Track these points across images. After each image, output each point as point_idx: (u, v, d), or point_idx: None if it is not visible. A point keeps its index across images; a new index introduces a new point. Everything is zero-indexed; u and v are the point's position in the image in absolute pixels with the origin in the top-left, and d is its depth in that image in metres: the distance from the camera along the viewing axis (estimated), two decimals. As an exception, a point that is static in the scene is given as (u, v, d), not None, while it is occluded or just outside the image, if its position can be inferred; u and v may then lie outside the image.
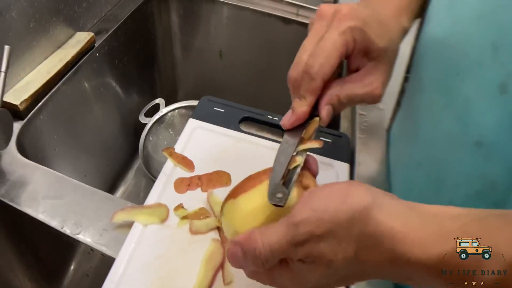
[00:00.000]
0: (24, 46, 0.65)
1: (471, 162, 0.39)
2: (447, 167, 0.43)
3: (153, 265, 0.46)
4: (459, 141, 0.40)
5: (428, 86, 0.46)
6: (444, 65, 0.42)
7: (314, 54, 0.38)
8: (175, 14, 0.96)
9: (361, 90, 0.40)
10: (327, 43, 0.38)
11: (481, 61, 0.37)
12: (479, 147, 0.38)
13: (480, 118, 0.38)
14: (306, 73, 0.38)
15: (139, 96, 0.96)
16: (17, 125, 0.63)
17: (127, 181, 0.96)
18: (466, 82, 0.39)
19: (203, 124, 0.64)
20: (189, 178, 0.55)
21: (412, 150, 0.51)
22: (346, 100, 0.40)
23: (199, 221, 0.50)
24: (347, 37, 0.38)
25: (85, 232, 0.50)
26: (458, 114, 0.40)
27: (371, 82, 0.40)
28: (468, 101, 0.39)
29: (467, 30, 0.39)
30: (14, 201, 0.53)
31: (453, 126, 0.41)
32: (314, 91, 0.39)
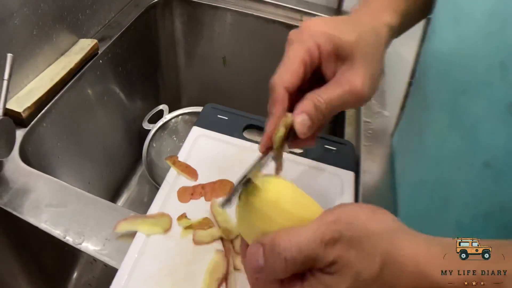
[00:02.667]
0: (27, 53, 0.65)
1: (480, 183, 0.38)
2: (453, 187, 0.42)
3: (156, 277, 0.46)
4: (467, 161, 0.39)
5: (432, 104, 0.45)
6: (450, 82, 0.41)
7: (278, 69, 0.38)
8: (178, 20, 0.96)
9: (338, 89, 0.37)
10: (289, 54, 0.37)
11: (490, 80, 0.36)
12: (488, 168, 0.37)
13: (489, 139, 0.37)
14: (270, 88, 0.37)
15: (142, 103, 0.95)
16: (20, 133, 0.63)
17: (131, 188, 0.95)
18: (474, 101, 0.38)
19: (207, 132, 0.63)
20: (193, 187, 0.55)
21: (416, 167, 0.50)
22: (324, 106, 0.36)
23: (203, 231, 0.50)
24: (308, 44, 0.37)
25: (87, 241, 0.50)
26: (465, 133, 0.39)
27: (348, 80, 0.37)
28: (476, 121, 0.38)
29: (474, 47, 0.37)
30: (16, 210, 0.53)
31: (460, 146, 0.40)
32: (276, 101, 0.37)
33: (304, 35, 0.38)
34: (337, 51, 0.37)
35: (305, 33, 0.38)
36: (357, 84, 0.36)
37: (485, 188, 0.38)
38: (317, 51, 0.37)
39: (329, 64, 0.38)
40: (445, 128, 0.42)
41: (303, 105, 0.36)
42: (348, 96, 0.37)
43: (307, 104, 0.36)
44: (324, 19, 0.39)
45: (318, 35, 0.37)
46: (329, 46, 0.37)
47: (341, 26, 0.38)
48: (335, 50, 0.37)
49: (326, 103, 0.36)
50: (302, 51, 0.37)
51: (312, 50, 0.37)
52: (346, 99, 0.37)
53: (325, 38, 0.37)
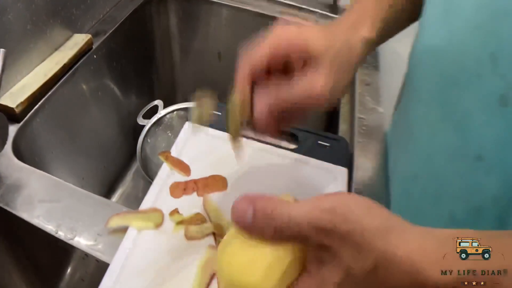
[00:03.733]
0: (21, 48, 0.65)
1: (471, 176, 0.38)
2: (445, 180, 0.42)
3: (148, 272, 0.46)
4: (458, 154, 0.39)
5: (424, 97, 0.45)
6: (441, 76, 0.41)
7: None
8: (173, 15, 0.96)
9: (300, 91, 0.38)
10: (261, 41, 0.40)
11: (480, 73, 0.36)
12: (479, 161, 0.37)
13: (480, 131, 0.37)
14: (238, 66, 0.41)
15: (137, 98, 0.95)
16: (13, 128, 0.62)
17: (125, 184, 0.95)
18: (465, 94, 0.38)
19: (200, 127, 0.63)
20: (185, 182, 0.55)
21: (408, 161, 0.50)
22: (284, 104, 0.38)
23: (195, 226, 0.50)
24: (278, 32, 0.39)
25: (79, 236, 0.50)
26: (456, 126, 0.39)
27: (311, 82, 0.38)
28: (467, 114, 0.38)
29: (464, 40, 0.38)
30: (9, 205, 0.53)
31: (452, 139, 0.40)
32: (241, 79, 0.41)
33: (277, 30, 0.39)
34: (307, 49, 0.38)
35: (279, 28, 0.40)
36: (317, 84, 0.38)
37: (477, 181, 0.38)
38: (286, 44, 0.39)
39: (297, 60, 0.39)
40: (436, 121, 0.42)
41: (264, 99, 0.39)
42: (307, 98, 0.38)
43: (268, 99, 0.39)
44: (299, 25, 0.40)
45: (292, 33, 0.39)
46: (300, 42, 0.38)
47: (315, 33, 0.39)
48: (305, 47, 0.38)
49: (285, 101, 0.38)
50: (273, 40, 0.39)
51: (281, 39, 0.39)
52: (305, 100, 0.38)
53: (297, 36, 0.39)
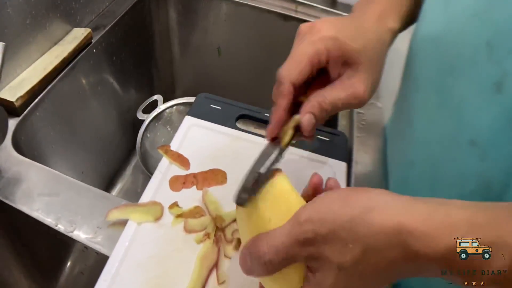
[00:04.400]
0: (20, 42, 0.65)
1: (466, 162, 0.39)
2: (441, 166, 0.43)
3: (147, 264, 0.46)
4: (454, 140, 0.40)
5: (422, 85, 0.46)
6: (438, 63, 0.42)
7: (285, 62, 0.40)
8: (173, 10, 0.95)
9: (343, 93, 0.40)
10: (298, 51, 0.40)
11: (476, 60, 0.37)
12: (474, 146, 0.38)
13: (475, 117, 0.37)
14: (277, 80, 0.40)
15: (137, 93, 0.95)
16: (13, 122, 0.62)
17: (125, 178, 0.95)
18: (461, 81, 0.39)
19: (200, 121, 0.63)
20: (185, 176, 0.55)
21: (405, 148, 0.51)
22: (328, 106, 0.40)
23: (194, 219, 0.50)
24: (318, 46, 0.40)
25: (79, 229, 0.50)
26: (452, 113, 0.40)
27: (352, 84, 0.40)
28: (462, 100, 0.39)
29: (462, 28, 0.38)
30: (9, 198, 0.53)
31: (448, 125, 0.41)
32: (282, 94, 0.40)
33: (315, 36, 0.40)
34: (345, 57, 0.40)
35: (316, 35, 0.40)
36: (360, 89, 0.40)
37: (471, 166, 0.39)
38: (326, 54, 0.40)
39: (336, 67, 0.41)
40: (433, 108, 0.43)
41: (310, 105, 0.40)
42: (351, 99, 0.40)
43: (314, 105, 0.40)
44: (335, 23, 0.42)
45: (329, 40, 0.40)
46: (337, 52, 0.40)
47: (350, 31, 0.41)
48: (343, 55, 0.40)
49: (331, 104, 0.40)
50: (311, 52, 0.40)
51: (321, 53, 0.40)
52: (349, 102, 0.40)
53: (334, 43, 0.40)
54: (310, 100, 0.40)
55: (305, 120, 0.39)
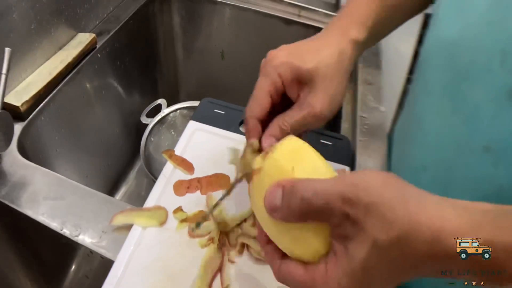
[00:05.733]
0: (25, 47, 0.66)
1: (479, 167, 0.39)
2: (454, 171, 0.43)
3: (152, 269, 0.46)
4: (467, 145, 0.40)
5: (435, 90, 0.46)
6: (452, 69, 0.42)
7: (249, 102, 0.43)
8: (177, 15, 0.96)
9: (300, 114, 0.41)
10: (256, 87, 0.43)
11: (490, 67, 0.37)
12: (487, 152, 0.38)
13: (489, 124, 0.38)
14: (245, 120, 0.43)
15: (140, 97, 0.96)
16: (18, 127, 0.63)
17: (129, 182, 0.96)
18: (475, 88, 0.39)
19: (203, 126, 0.63)
20: (189, 180, 0.55)
21: (416, 153, 0.51)
22: (289, 128, 0.41)
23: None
24: (271, 76, 0.42)
25: (84, 234, 0.50)
26: (466, 118, 0.40)
27: (309, 103, 0.41)
28: (477, 106, 0.39)
29: (476, 35, 0.39)
30: (14, 203, 0.54)
31: (461, 131, 0.41)
32: (251, 131, 0.42)
33: (268, 68, 0.43)
34: (298, 77, 0.42)
35: (269, 65, 0.43)
36: (317, 107, 0.41)
37: (484, 171, 0.39)
38: (280, 80, 0.42)
39: (292, 89, 0.43)
40: (447, 113, 0.43)
41: (271, 129, 0.42)
42: (309, 118, 0.42)
43: (274, 129, 0.42)
44: (289, 47, 0.44)
45: (280, 66, 0.42)
46: (289, 75, 0.42)
47: (301, 53, 0.43)
48: (296, 77, 0.42)
49: (290, 125, 0.41)
50: (267, 84, 0.42)
51: (276, 80, 0.42)
52: (308, 121, 0.42)
53: (286, 68, 0.42)
54: (271, 124, 0.42)
55: (266, 143, 0.41)
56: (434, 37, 0.46)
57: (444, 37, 0.44)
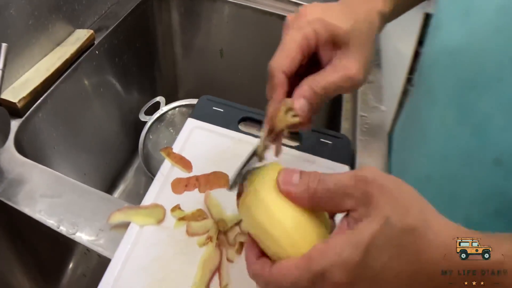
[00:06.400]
0: (23, 43, 0.65)
1: (489, 180, 0.38)
2: (461, 182, 0.42)
3: (149, 268, 0.46)
4: (476, 157, 0.39)
5: (439, 99, 0.44)
6: (458, 78, 0.41)
7: (275, 55, 0.39)
8: (175, 12, 0.95)
9: (335, 75, 0.38)
10: (285, 40, 0.39)
11: (500, 76, 0.36)
12: (498, 165, 0.37)
13: (499, 135, 0.37)
14: (269, 74, 0.39)
15: (139, 94, 0.95)
16: (15, 123, 0.62)
17: (127, 180, 0.95)
18: (483, 97, 0.38)
19: (202, 124, 0.63)
20: (187, 178, 0.55)
21: (420, 162, 0.50)
22: (321, 90, 0.38)
23: (196, 222, 0.50)
24: (305, 30, 0.38)
25: (81, 232, 0.50)
26: (474, 129, 0.39)
27: (344, 66, 0.38)
28: (486, 117, 0.38)
29: (484, 42, 0.37)
30: (11, 200, 0.53)
31: (469, 142, 0.40)
32: (276, 86, 0.38)
33: (302, 22, 0.39)
34: (333, 38, 0.39)
35: (303, 19, 0.39)
36: (353, 70, 0.38)
37: (495, 184, 0.38)
38: (314, 37, 0.39)
39: (326, 50, 0.40)
40: (452, 123, 0.42)
41: (302, 90, 0.38)
42: (344, 81, 0.38)
43: (306, 89, 0.38)
44: (321, 6, 0.40)
45: (316, 22, 0.38)
46: (325, 34, 0.38)
47: (337, 14, 0.39)
48: (332, 37, 0.39)
49: (323, 87, 0.38)
50: (299, 37, 0.38)
51: (310, 36, 0.38)
52: (342, 84, 0.38)
53: (322, 26, 0.38)
54: (302, 84, 0.38)
55: (297, 104, 0.38)
56: (437, 43, 0.45)
57: (449, 44, 0.42)
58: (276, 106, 0.39)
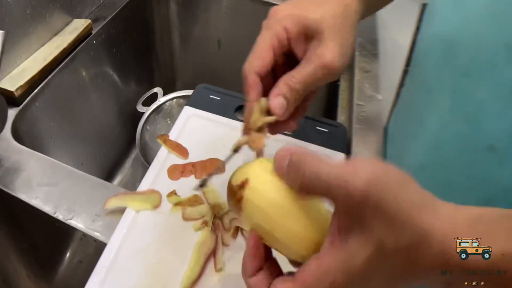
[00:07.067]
0: (20, 32, 0.65)
1: (483, 167, 0.38)
2: (455, 170, 0.41)
3: (145, 251, 0.46)
4: (470, 144, 0.39)
5: (434, 86, 0.44)
6: (452, 65, 0.40)
7: (248, 57, 0.39)
8: (173, 2, 0.95)
9: (310, 66, 0.37)
10: (258, 41, 0.39)
11: (494, 63, 0.35)
12: (492, 152, 0.36)
13: (493, 122, 0.36)
14: (243, 76, 0.39)
15: (136, 85, 0.95)
16: (13, 112, 0.63)
17: (124, 170, 0.95)
18: (478, 84, 0.37)
19: (199, 112, 0.63)
20: (183, 165, 0.55)
21: (415, 150, 0.49)
22: (297, 85, 0.37)
23: (192, 208, 0.50)
24: (275, 28, 0.38)
25: (77, 217, 0.50)
26: (468, 116, 0.39)
27: (318, 55, 0.37)
28: (480, 104, 0.37)
29: (478, 29, 0.37)
30: (8, 187, 0.53)
31: (463, 129, 0.39)
32: (248, 88, 0.38)
33: (271, 21, 0.39)
34: (305, 29, 0.38)
35: (272, 18, 0.39)
36: (327, 57, 0.37)
37: (488, 171, 0.37)
38: (285, 33, 0.38)
39: (299, 44, 0.39)
40: (446, 111, 0.41)
41: (278, 88, 0.38)
42: (320, 71, 0.37)
43: (282, 86, 0.37)
44: (291, 3, 0.40)
45: (285, 19, 0.38)
46: (296, 27, 0.38)
47: (306, 5, 0.39)
48: (303, 29, 0.38)
49: (299, 81, 0.37)
50: (269, 37, 0.38)
51: (280, 33, 0.38)
52: (319, 74, 0.38)
53: (291, 20, 0.38)
54: (278, 82, 0.38)
55: (273, 103, 0.37)
56: (431, 31, 0.45)
57: (442, 32, 0.42)
58: (250, 106, 0.38)
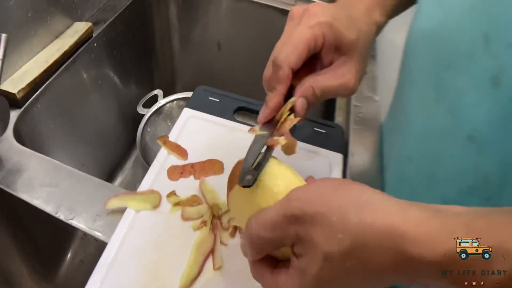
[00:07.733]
0: (22, 35, 0.66)
1: (464, 157, 0.39)
2: (438, 161, 0.42)
3: (145, 250, 0.47)
4: (451, 135, 0.40)
5: (419, 80, 0.45)
6: (435, 57, 0.41)
7: (282, 46, 0.40)
8: (173, 5, 0.96)
9: (334, 82, 0.41)
10: (295, 35, 0.40)
11: (473, 54, 0.36)
12: (471, 142, 0.37)
13: (472, 112, 0.37)
14: (274, 64, 0.40)
15: (137, 87, 0.96)
16: (15, 114, 0.63)
17: (125, 172, 0.96)
18: (458, 75, 0.38)
19: (198, 113, 0.64)
20: (182, 166, 0.56)
21: (402, 144, 0.51)
22: (320, 92, 0.41)
23: (191, 208, 0.51)
24: (315, 31, 0.40)
25: (78, 217, 0.51)
26: (449, 107, 0.40)
27: (343, 74, 0.41)
28: (460, 95, 0.38)
29: (458, 21, 0.38)
30: (10, 187, 0.54)
31: (445, 120, 0.40)
32: (282, 80, 0.40)
33: (312, 21, 0.40)
34: (339, 45, 0.41)
35: (313, 18, 0.40)
36: (352, 80, 0.41)
37: (468, 161, 0.38)
38: (322, 40, 0.40)
39: (329, 54, 0.42)
40: (430, 103, 0.43)
41: (304, 89, 0.41)
42: (341, 89, 0.41)
43: (307, 90, 0.41)
44: (329, 8, 0.42)
45: (325, 25, 0.40)
46: (333, 39, 0.41)
47: (344, 20, 0.41)
48: (337, 44, 0.41)
49: (322, 89, 0.41)
50: (309, 36, 0.40)
51: (318, 38, 0.40)
52: (339, 91, 0.42)
53: (331, 30, 0.40)
54: (304, 83, 0.41)
55: (298, 104, 0.40)
56: (416, 26, 0.45)
57: (426, 26, 0.43)
58: (279, 98, 0.41)
